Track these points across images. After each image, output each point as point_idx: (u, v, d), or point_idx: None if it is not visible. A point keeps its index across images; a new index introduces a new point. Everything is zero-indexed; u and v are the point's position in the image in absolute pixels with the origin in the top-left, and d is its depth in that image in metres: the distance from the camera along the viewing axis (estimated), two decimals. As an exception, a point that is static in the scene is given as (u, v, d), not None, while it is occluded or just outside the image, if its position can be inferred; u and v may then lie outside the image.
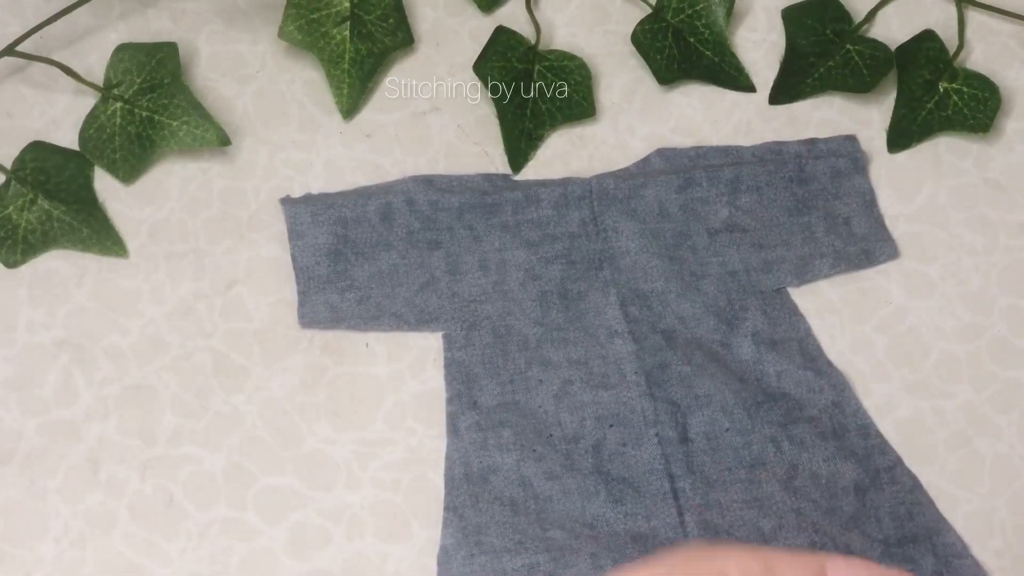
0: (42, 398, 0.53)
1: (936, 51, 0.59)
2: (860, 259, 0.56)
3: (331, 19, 0.57)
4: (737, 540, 0.49)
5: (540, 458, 0.51)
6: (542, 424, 0.52)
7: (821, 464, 0.51)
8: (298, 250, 0.54)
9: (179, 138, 0.56)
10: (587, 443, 0.51)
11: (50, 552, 0.51)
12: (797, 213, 0.56)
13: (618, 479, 0.51)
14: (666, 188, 0.56)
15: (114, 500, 0.52)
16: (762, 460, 0.51)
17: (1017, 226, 0.58)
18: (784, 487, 0.51)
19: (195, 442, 0.52)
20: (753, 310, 0.55)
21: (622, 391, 0.52)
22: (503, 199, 0.56)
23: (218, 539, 0.51)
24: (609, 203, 0.56)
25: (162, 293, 0.55)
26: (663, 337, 0.54)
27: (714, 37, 0.59)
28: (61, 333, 0.54)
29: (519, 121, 0.57)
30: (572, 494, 0.50)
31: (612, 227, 0.56)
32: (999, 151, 0.59)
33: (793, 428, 0.52)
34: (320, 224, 0.55)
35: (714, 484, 0.51)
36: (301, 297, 0.54)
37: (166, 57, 0.56)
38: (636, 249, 0.55)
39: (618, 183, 0.56)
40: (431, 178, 0.56)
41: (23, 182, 0.55)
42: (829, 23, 0.60)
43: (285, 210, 0.55)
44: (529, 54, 0.58)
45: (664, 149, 0.58)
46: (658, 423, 0.51)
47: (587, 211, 0.56)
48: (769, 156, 0.57)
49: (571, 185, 0.56)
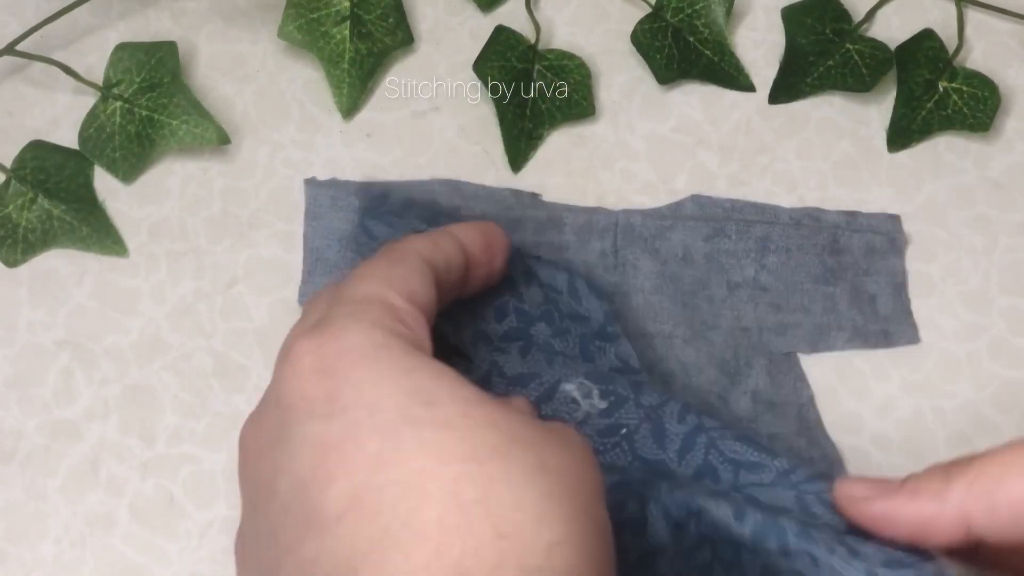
0: (42, 398, 0.53)
1: (936, 50, 0.59)
2: (878, 338, 0.55)
3: (331, 19, 0.57)
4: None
5: None
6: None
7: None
8: (312, 230, 0.54)
9: (179, 137, 0.56)
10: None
11: (50, 552, 0.51)
12: (823, 282, 0.55)
13: None
14: (694, 234, 0.56)
15: (114, 500, 0.52)
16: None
17: (1017, 226, 0.58)
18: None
19: (195, 442, 0.52)
20: (758, 368, 0.54)
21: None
22: (526, 216, 0.55)
23: (218, 539, 0.51)
24: (633, 239, 0.55)
25: (162, 292, 0.55)
26: (660, 380, 0.53)
27: (714, 36, 0.59)
28: (61, 333, 0.54)
29: (518, 120, 0.57)
30: None
31: (632, 263, 0.55)
32: (999, 151, 0.59)
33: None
34: (339, 210, 0.55)
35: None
36: (305, 276, 0.54)
37: (166, 56, 0.56)
38: (650, 289, 0.55)
39: (646, 221, 0.56)
40: (459, 184, 0.56)
41: (23, 181, 0.55)
42: (829, 23, 0.60)
43: (307, 190, 0.55)
44: (528, 53, 0.58)
45: (699, 196, 0.57)
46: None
47: (609, 243, 0.55)
48: (806, 221, 0.56)
49: (597, 215, 0.56)
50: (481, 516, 0.34)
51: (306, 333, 0.38)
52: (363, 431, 0.35)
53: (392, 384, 0.36)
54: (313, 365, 0.37)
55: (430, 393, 0.36)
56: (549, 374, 0.49)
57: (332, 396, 0.36)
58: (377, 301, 0.40)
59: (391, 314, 0.39)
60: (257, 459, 0.38)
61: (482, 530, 0.34)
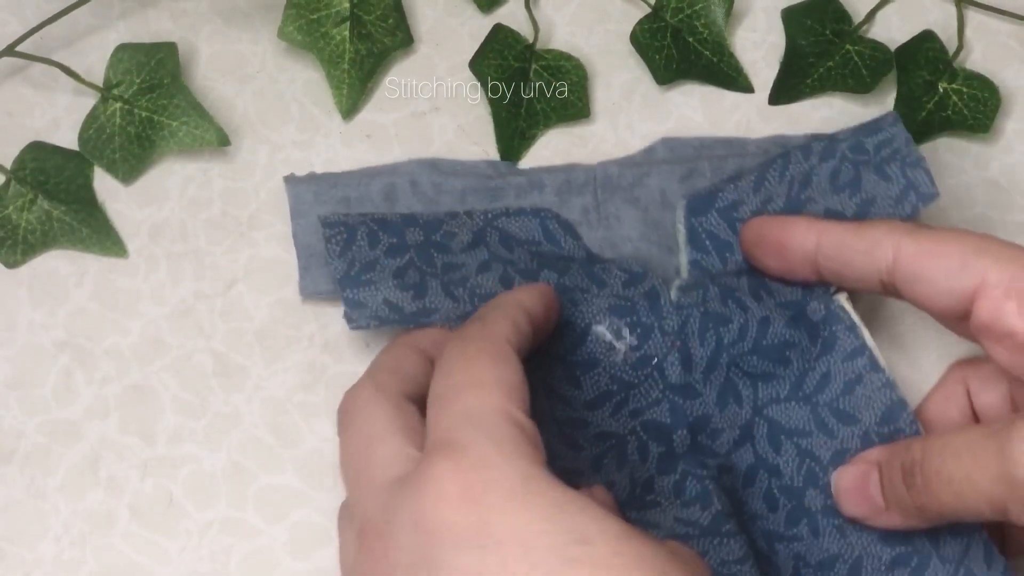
0: (42, 398, 0.53)
1: (936, 51, 0.59)
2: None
3: (331, 19, 0.57)
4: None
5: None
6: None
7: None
8: (300, 228, 0.54)
9: (179, 138, 0.56)
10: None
11: (50, 551, 0.51)
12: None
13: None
14: (669, 178, 0.56)
15: (114, 500, 0.52)
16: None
17: (1017, 226, 0.58)
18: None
19: (195, 441, 0.53)
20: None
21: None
22: (506, 183, 0.56)
23: (218, 538, 0.51)
24: (613, 191, 0.56)
25: (162, 293, 0.55)
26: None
27: (713, 37, 0.59)
28: (61, 333, 0.54)
29: (513, 120, 0.57)
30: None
31: (615, 215, 0.55)
32: (999, 151, 0.59)
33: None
34: (323, 203, 0.54)
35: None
36: (302, 271, 0.54)
37: (166, 57, 0.56)
38: (638, 237, 0.55)
39: (622, 170, 0.56)
40: (435, 161, 0.56)
41: (23, 182, 0.55)
42: (829, 23, 0.60)
43: (288, 189, 0.55)
44: (526, 52, 0.58)
45: (669, 139, 0.58)
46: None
47: (590, 198, 0.56)
48: (772, 148, 0.57)
49: (575, 171, 0.56)
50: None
51: (442, 455, 0.38)
52: (520, 567, 0.35)
53: (544, 520, 0.36)
54: (458, 493, 0.37)
55: (582, 530, 0.36)
56: (578, 317, 0.50)
57: (483, 527, 0.36)
58: (503, 419, 0.39)
59: (523, 437, 0.39)
60: (391, 574, 0.38)
61: None
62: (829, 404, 0.51)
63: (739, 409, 0.51)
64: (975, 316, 0.45)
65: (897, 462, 0.46)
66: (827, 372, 0.51)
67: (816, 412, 0.51)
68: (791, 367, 0.51)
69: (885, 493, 0.47)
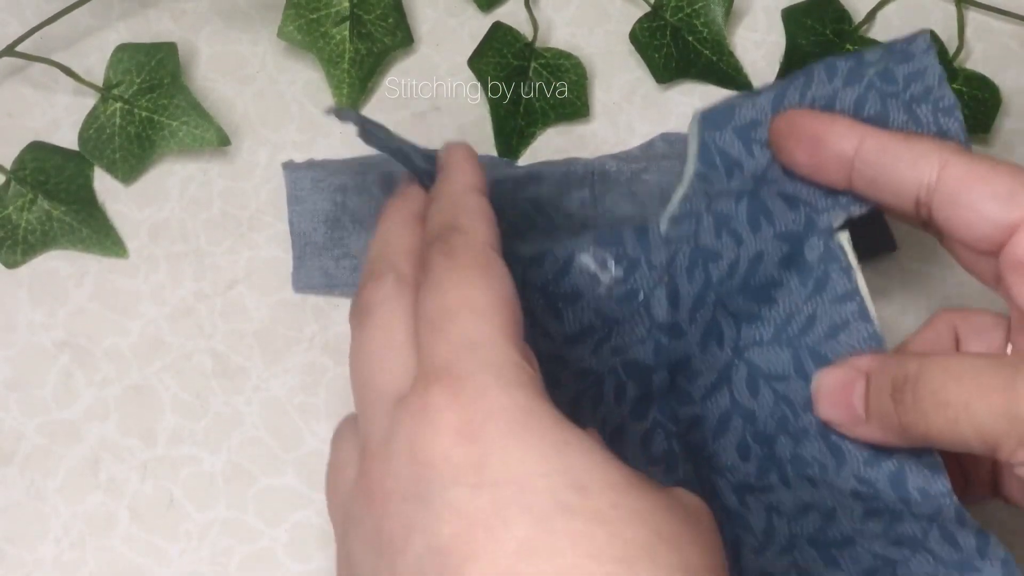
0: (42, 398, 0.53)
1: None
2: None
3: (331, 19, 0.57)
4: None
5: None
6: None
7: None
8: (296, 215, 0.54)
9: (179, 138, 0.56)
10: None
11: (50, 552, 0.51)
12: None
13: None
14: (668, 174, 0.56)
15: (114, 500, 0.52)
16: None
17: (1016, 227, 0.58)
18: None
19: (195, 442, 0.53)
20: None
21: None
22: (505, 175, 0.55)
23: (218, 539, 0.51)
24: (610, 185, 0.56)
25: (162, 294, 0.55)
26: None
27: (713, 36, 0.59)
28: (61, 333, 0.54)
29: (511, 118, 0.57)
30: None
31: (611, 210, 0.55)
32: (999, 152, 0.59)
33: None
34: (320, 191, 0.54)
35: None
36: (296, 263, 0.54)
37: (166, 57, 0.56)
38: None
39: (620, 165, 0.56)
40: (435, 152, 0.56)
41: (23, 182, 0.55)
42: (829, 23, 0.60)
43: (286, 175, 0.55)
44: (525, 51, 0.58)
45: (668, 134, 0.58)
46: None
47: (587, 192, 0.56)
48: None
49: (574, 165, 0.56)
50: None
51: (440, 384, 0.37)
52: (512, 510, 0.34)
53: (542, 461, 0.35)
54: (457, 426, 0.36)
55: (581, 476, 0.35)
56: (560, 248, 0.48)
57: (479, 465, 0.35)
58: (502, 348, 0.37)
59: (523, 367, 0.37)
60: (385, 503, 0.37)
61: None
62: (810, 347, 0.49)
63: (719, 351, 0.49)
64: (1009, 249, 0.43)
65: (888, 375, 0.44)
66: (813, 314, 0.49)
67: (796, 355, 0.49)
68: (777, 308, 0.49)
69: (869, 404, 0.45)
